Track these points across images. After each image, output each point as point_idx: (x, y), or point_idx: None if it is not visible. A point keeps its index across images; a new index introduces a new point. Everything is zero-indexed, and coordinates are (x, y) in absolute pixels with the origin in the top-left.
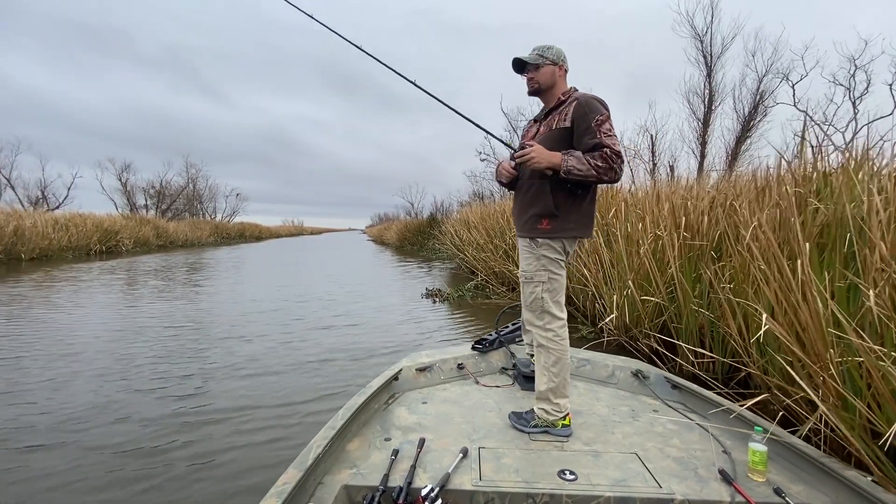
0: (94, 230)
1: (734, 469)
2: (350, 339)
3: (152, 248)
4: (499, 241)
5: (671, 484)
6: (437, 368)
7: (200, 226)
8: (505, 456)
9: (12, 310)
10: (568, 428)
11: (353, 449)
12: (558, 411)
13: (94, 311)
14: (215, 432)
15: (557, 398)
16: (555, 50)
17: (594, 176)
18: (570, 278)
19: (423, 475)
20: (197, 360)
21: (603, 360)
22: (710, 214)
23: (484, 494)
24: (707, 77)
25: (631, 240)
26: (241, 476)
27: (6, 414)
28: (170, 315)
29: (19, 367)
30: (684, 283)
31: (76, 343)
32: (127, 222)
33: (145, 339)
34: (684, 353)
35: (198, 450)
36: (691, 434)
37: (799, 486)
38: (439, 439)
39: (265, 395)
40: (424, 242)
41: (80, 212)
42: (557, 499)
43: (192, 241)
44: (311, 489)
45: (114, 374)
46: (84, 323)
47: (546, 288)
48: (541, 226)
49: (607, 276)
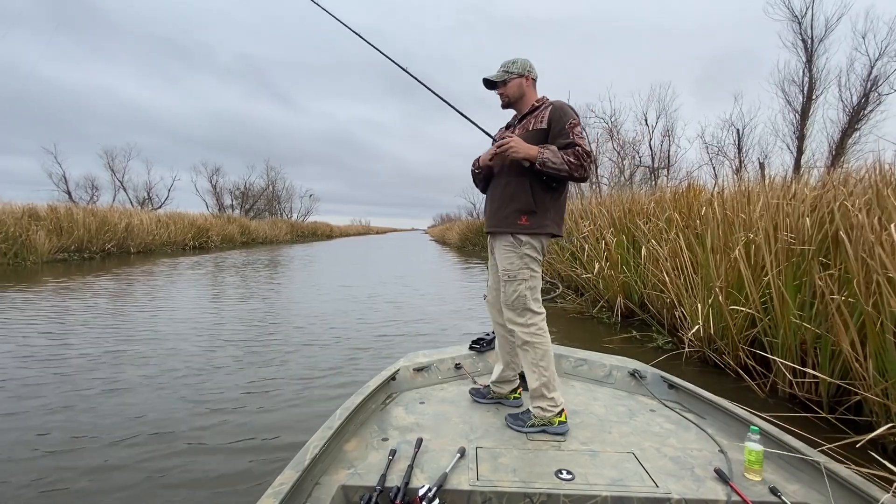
0: (188, 228)
1: (730, 468)
2: (420, 335)
3: (237, 244)
4: (565, 243)
5: (668, 483)
6: (434, 368)
7: (278, 224)
8: (502, 456)
9: (144, 294)
10: (565, 424)
11: (350, 449)
12: (554, 406)
13: (214, 294)
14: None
15: (551, 392)
16: (519, 63)
17: (566, 170)
18: (645, 285)
19: (420, 475)
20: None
21: (600, 359)
22: (812, 216)
23: (481, 494)
24: (807, 63)
25: (718, 243)
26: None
27: (170, 363)
28: (263, 309)
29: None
30: (784, 292)
31: (200, 319)
32: (216, 221)
33: (250, 327)
34: (780, 370)
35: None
36: (688, 433)
37: (795, 486)
38: (437, 439)
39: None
40: (485, 245)
41: (178, 211)
42: (555, 498)
43: (271, 238)
44: (309, 489)
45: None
46: (211, 305)
47: (528, 286)
48: (520, 222)
49: (689, 282)
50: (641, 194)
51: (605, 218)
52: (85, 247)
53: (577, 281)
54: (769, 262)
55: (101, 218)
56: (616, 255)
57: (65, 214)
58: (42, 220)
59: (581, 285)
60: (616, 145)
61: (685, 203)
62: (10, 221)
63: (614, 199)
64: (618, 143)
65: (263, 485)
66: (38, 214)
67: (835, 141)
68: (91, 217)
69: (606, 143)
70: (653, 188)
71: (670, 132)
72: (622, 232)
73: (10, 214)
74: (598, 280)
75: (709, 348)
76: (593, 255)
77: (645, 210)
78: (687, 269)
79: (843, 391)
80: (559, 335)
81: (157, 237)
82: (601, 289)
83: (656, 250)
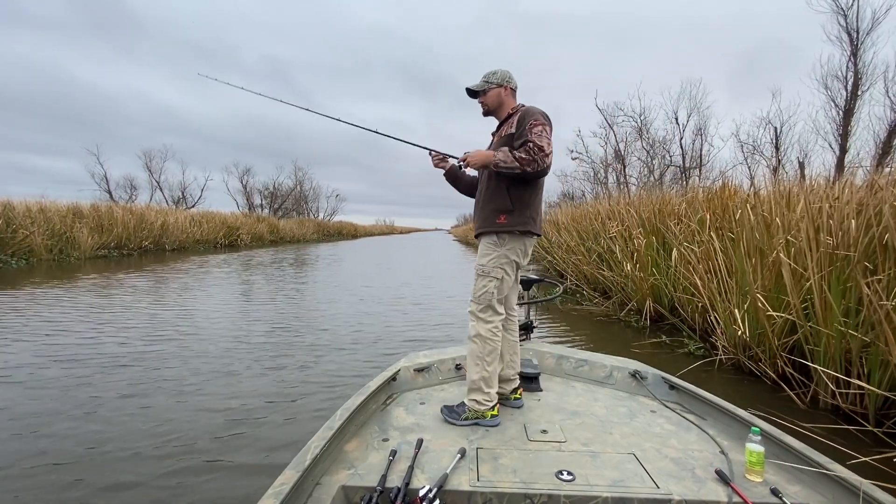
0: (220, 226)
1: (731, 469)
2: (450, 339)
3: (265, 243)
4: (592, 244)
5: (669, 484)
6: (434, 369)
7: (305, 224)
8: (503, 456)
9: (182, 287)
10: (497, 418)
11: (350, 449)
12: (489, 401)
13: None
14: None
15: (489, 388)
16: (499, 73)
17: (518, 167)
18: (675, 288)
19: (420, 476)
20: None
21: (600, 360)
22: (858, 219)
23: (482, 495)
24: (851, 57)
25: (755, 246)
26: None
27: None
28: (293, 305)
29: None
30: (828, 298)
31: (228, 320)
32: (246, 219)
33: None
34: (822, 379)
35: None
36: (689, 434)
37: (796, 487)
38: (437, 440)
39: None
40: None
41: (210, 210)
42: (555, 499)
43: (298, 237)
44: (309, 490)
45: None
46: (253, 294)
47: (496, 286)
48: (499, 220)
49: (723, 286)
50: (672, 194)
51: (634, 218)
52: (124, 244)
53: (603, 283)
54: (811, 267)
55: (138, 216)
56: (645, 256)
57: (106, 213)
58: (85, 219)
59: (608, 287)
60: (645, 144)
61: (719, 204)
62: (56, 219)
63: (643, 199)
64: (647, 142)
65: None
66: (82, 213)
67: (881, 139)
68: (130, 215)
69: (635, 142)
70: (684, 188)
71: (702, 130)
72: (652, 233)
73: (56, 213)
74: (626, 282)
75: (744, 355)
76: (621, 256)
77: (676, 211)
78: (721, 273)
79: (892, 403)
80: (585, 338)
81: (191, 235)
82: (629, 291)
83: (688, 252)
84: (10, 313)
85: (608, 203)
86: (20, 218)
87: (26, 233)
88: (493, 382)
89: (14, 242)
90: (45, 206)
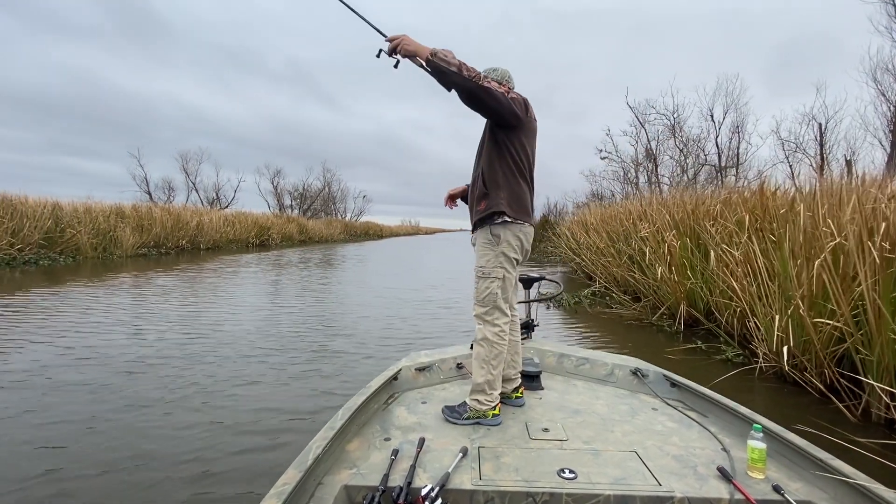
0: (252, 226)
1: (733, 466)
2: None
3: (295, 242)
4: (622, 245)
5: (671, 482)
6: (436, 368)
7: (333, 224)
8: (505, 455)
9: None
10: (498, 417)
11: (352, 449)
12: (491, 402)
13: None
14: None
15: (492, 389)
16: (500, 72)
17: (455, 67)
18: (711, 292)
19: (422, 475)
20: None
21: (602, 358)
22: None
23: (484, 494)
24: None
25: (799, 249)
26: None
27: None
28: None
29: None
30: (880, 305)
31: (258, 321)
32: (276, 220)
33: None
34: (876, 392)
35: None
36: (690, 432)
37: (798, 484)
38: (439, 439)
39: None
40: (536, 245)
41: (243, 210)
42: (557, 497)
43: (326, 237)
44: (312, 489)
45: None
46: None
47: (499, 285)
48: (479, 208)
49: (764, 290)
50: (707, 194)
51: (667, 219)
52: (162, 243)
53: (634, 285)
54: (862, 272)
55: (175, 216)
56: (679, 259)
57: (146, 213)
58: (127, 218)
59: (639, 290)
60: (678, 143)
61: (759, 204)
62: (100, 219)
63: (677, 199)
64: (680, 140)
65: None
66: (124, 213)
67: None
68: (167, 216)
69: (667, 140)
70: (719, 188)
71: (739, 128)
72: (686, 234)
73: (101, 213)
74: (658, 285)
75: (787, 364)
76: (654, 258)
77: (711, 211)
78: (762, 277)
79: None
80: (615, 343)
81: (224, 235)
82: (661, 294)
83: (726, 255)
84: (97, 304)
85: (640, 203)
86: (68, 218)
87: (73, 232)
88: (496, 384)
89: (62, 241)
90: (91, 206)
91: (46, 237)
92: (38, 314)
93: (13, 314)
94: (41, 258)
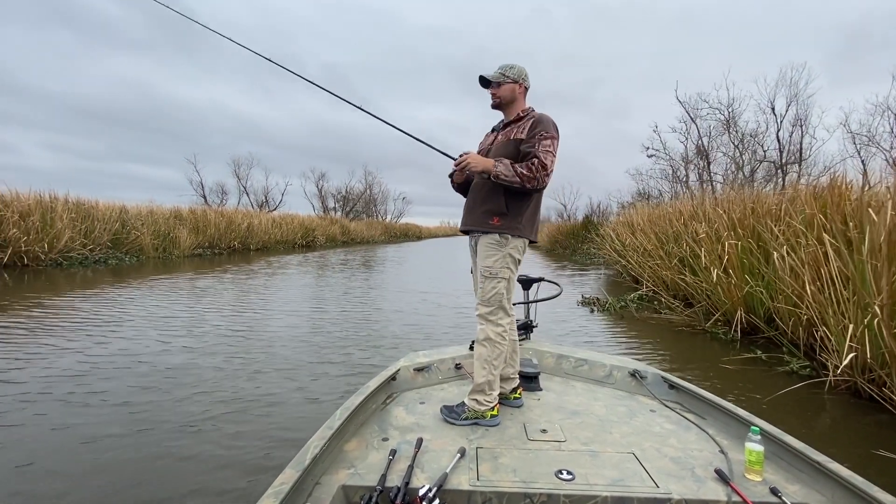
0: (298, 228)
1: (731, 469)
2: None
3: (338, 243)
4: (672, 247)
5: (668, 484)
6: (434, 368)
7: (374, 226)
8: (502, 456)
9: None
10: (496, 418)
11: (350, 449)
12: (490, 402)
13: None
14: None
15: (492, 390)
16: (517, 69)
17: (518, 182)
18: (773, 297)
19: (420, 475)
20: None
21: (600, 359)
22: None
23: (482, 494)
24: None
25: (881, 252)
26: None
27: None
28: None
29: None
30: None
31: (301, 322)
32: (321, 221)
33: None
34: None
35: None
36: (688, 434)
37: (795, 486)
38: (437, 439)
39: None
40: (577, 246)
41: (289, 213)
42: (555, 499)
43: (367, 238)
44: (309, 489)
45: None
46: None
47: (505, 286)
48: (492, 222)
49: (836, 296)
50: (767, 192)
51: (723, 219)
52: (215, 244)
53: (685, 289)
54: None
55: (228, 219)
56: (737, 261)
57: (201, 216)
58: (184, 221)
59: (690, 295)
60: (733, 138)
61: (831, 202)
62: (161, 221)
63: (733, 197)
64: (735, 135)
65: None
66: (182, 216)
67: None
68: (221, 218)
69: (721, 136)
70: (780, 185)
71: (803, 121)
72: (745, 236)
73: (161, 216)
74: (712, 289)
75: (863, 378)
76: (708, 261)
77: (774, 210)
78: (835, 282)
79: None
80: (664, 350)
81: (272, 236)
82: (716, 299)
83: (791, 257)
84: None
85: (691, 203)
86: (132, 220)
87: (137, 234)
88: (496, 385)
89: (128, 242)
90: (153, 209)
91: (114, 238)
92: (176, 296)
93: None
94: (109, 257)
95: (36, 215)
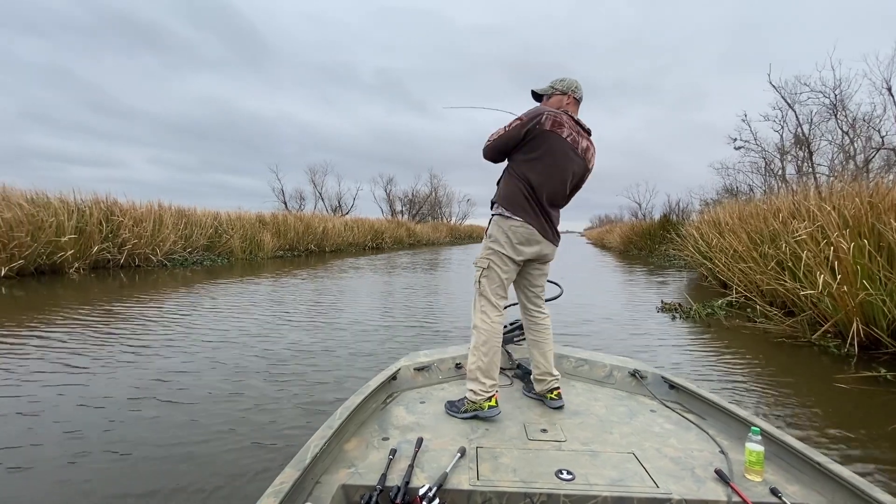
0: (368, 231)
1: (731, 469)
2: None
3: (405, 245)
4: (768, 248)
5: (668, 484)
6: (435, 368)
7: (439, 228)
8: (503, 455)
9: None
10: (494, 409)
11: (350, 448)
12: (485, 391)
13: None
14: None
15: (484, 378)
16: (567, 82)
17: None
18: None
19: (420, 475)
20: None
21: (601, 359)
22: None
23: (482, 494)
24: None
25: None
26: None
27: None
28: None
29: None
30: None
31: (369, 325)
32: (388, 225)
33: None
34: None
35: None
36: (688, 434)
37: (795, 486)
38: (437, 439)
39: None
40: (655, 247)
41: (360, 217)
42: (555, 498)
43: (433, 240)
44: (309, 488)
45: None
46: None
47: (484, 274)
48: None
49: None
50: (888, 184)
51: (832, 216)
52: (294, 246)
53: (784, 296)
54: None
55: (305, 223)
56: (852, 264)
57: (282, 220)
58: (267, 225)
59: (791, 302)
60: (842, 124)
61: None
62: (247, 226)
63: (846, 191)
64: (845, 121)
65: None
66: (265, 220)
67: None
68: (299, 222)
69: (826, 122)
70: None
71: None
72: (861, 235)
73: (247, 221)
74: (820, 297)
75: None
76: (814, 264)
77: None
78: None
79: None
80: (762, 364)
81: (345, 239)
82: (824, 308)
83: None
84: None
85: (791, 198)
86: (224, 226)
87: (227, 237)
88: (490, 373)
89: (220, 245)
90: (241, 215)
91: (208, 242)
92: (283, 290)
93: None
94: (205, 259)
95: (148, 222)
